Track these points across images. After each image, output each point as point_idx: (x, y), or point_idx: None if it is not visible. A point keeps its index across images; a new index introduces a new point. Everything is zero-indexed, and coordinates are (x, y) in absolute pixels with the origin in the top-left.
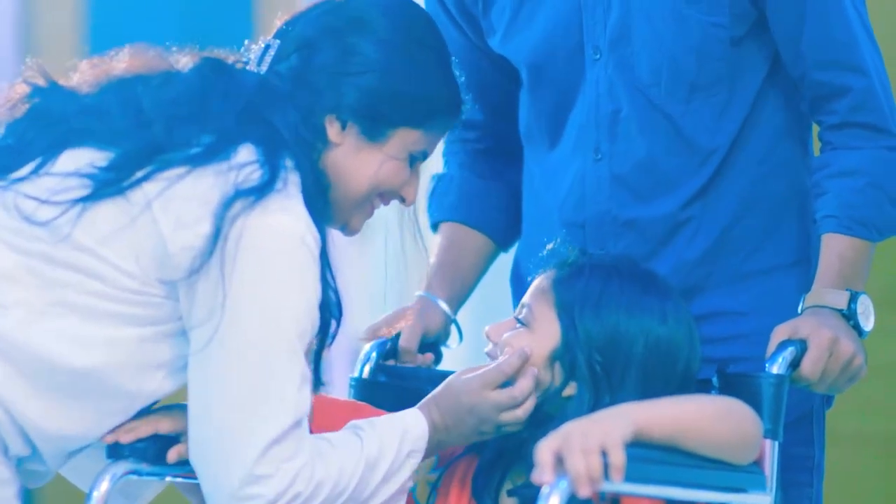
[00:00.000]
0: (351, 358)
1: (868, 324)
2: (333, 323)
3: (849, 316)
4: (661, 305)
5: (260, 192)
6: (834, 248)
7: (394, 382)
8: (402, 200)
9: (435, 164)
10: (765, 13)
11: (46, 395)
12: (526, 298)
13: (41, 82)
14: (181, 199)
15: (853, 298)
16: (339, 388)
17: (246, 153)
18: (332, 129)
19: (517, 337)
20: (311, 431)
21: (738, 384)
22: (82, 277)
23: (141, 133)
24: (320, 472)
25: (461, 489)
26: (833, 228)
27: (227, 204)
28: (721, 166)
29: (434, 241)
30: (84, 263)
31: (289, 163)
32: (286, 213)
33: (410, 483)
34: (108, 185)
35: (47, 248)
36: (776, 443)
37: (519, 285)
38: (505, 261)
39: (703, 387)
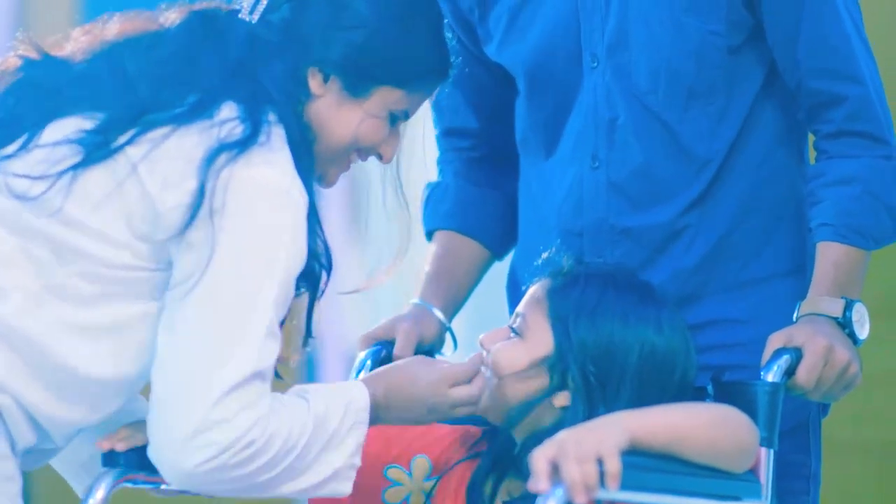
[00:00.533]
0: (346, 365)
1: (863, 332)
2: (324, 275)
3: (844, 324)
4: (657, 315)
5: (242, 145)
6: (829, 256)
7: None
8: (380, 157)
9: (431, 171)
10: (761, 21)
11: (47, 382)
12: (520, 307)
13: (33, 55)
14: (167, 159)
15: (848, 306)
16: None
17: (228, 110)
18: (314, 81)
19: (510, 347)
20: None
21: (733, 392)
22: (75, 257)
23: (127, 96)
24: (274, 425)
25: (455, 499)
26: (829, 236)
27: (211, 158)
28: (718, 174)
29: (429, 249)
30: (75, 241)
31: (272, 117)
32: (270, 167)
33: (357, 462)
34: (96, 148)
35: (40, 225)
36: (771, 451)
37: (515, 293)
38: (499, 268)
39: (698, 394)
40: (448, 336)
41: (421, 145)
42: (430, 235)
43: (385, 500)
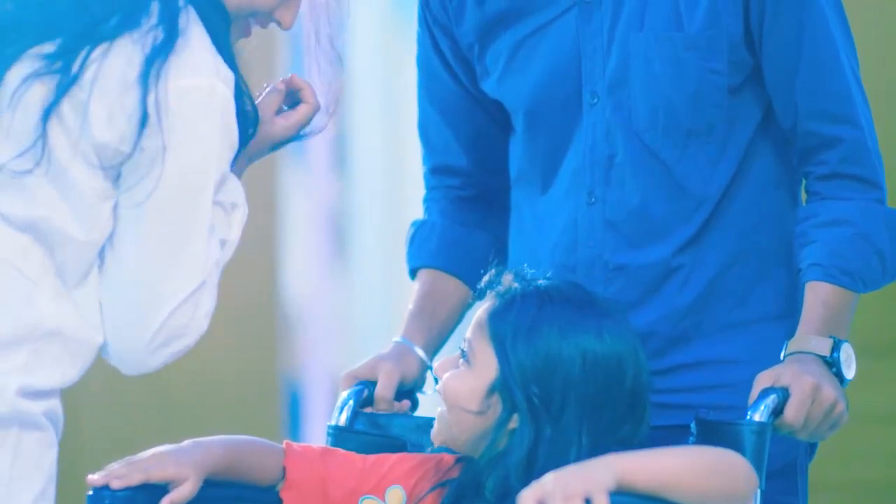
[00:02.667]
0: (331, 401)
1: (850, 372)
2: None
3: (831, 363)
4: (597, 324)
5: (164, 52)
6: (819, 296)
7: (372, 430)
8: (280, 24)
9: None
10: (760, 63)
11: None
12: (468, 332)
13: None
14: (107, 80)
15: (836, 346)
16: (319, 435)
17: (152, 15)
18: None
19: (457, 376)
20: (286, 481)
21: (719, 431)
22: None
23: (77, 14)
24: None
25: None
26: (819, 276)
27: (144, 75)
28: (713, 214)
29: (413, 287)
30: (62, 196)
31: (181, 1)
32: (193, 73)
33: None
34: (61, 73)
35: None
36: (759, 491)
37: None
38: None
39: (682, 433)
40: (430, 374)
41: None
42: (413, 273)
43: None
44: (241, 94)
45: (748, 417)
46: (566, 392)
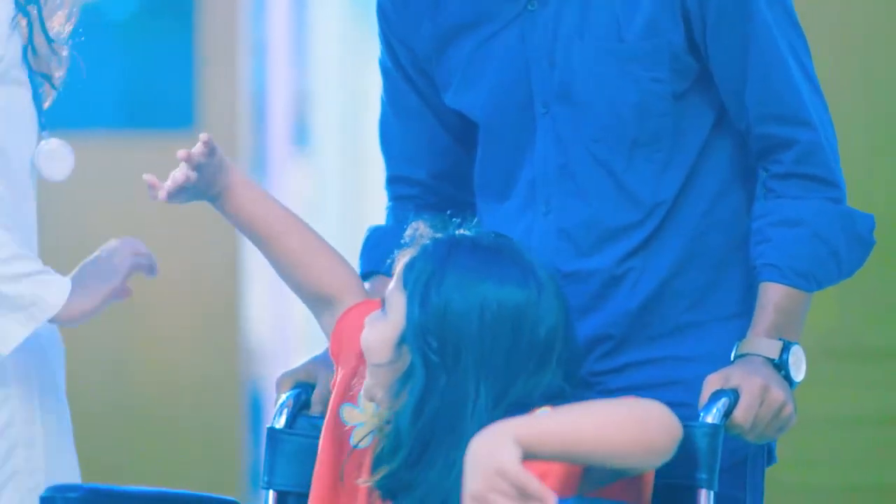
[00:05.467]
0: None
1: (799, 374)
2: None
3: (780, 366)
4: (502, 271)
5: None
6: (771, 298)
7: (311, 433)
8: None
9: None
10: (708, 68)
11: None
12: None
13: None
14: None
15: (786, 348)
16: None
17: None
18: None
19: (373, 328)
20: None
21: None
22: None
23: None
24: None
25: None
26: (772, 277)
27: None
28: (665, 219)
29: None
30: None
31: None
32: None
33: None
34: None
35: None
36: (711, 492)
37: None
38: None
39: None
40: None
41: None
42: (366, 277)
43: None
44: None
45: (700, 419)
46: (461, 341)
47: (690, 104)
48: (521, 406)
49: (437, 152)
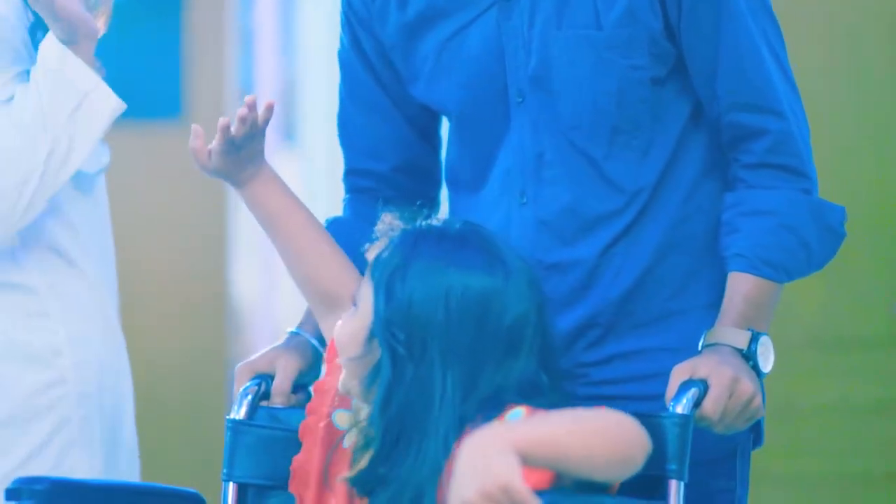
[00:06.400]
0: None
1: (767, 365)
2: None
3: (748, 356)
4: (469, 259)
5: None
6: (740, 288)
7: (271, 424)
8: None
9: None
10: (682, 55)
11: None
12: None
13: None
14: None
15: (754, 339)
16: None
17: None
18: None
19: (344, 323)
20: None
21: (640, 423)
22: None
23: None
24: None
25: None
26: (741, 267)
27: None
28: (646, 207)
29: None
30: None
31: None
32: None
33: None
34: None
35: None
36: (682, 483)
37: None
38: None
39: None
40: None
41: None
42: None
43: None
44: None
45: (671, 409)
46: (427, 331)
47: (669, 90)
48: (494, 400)
49: (399, 145)
